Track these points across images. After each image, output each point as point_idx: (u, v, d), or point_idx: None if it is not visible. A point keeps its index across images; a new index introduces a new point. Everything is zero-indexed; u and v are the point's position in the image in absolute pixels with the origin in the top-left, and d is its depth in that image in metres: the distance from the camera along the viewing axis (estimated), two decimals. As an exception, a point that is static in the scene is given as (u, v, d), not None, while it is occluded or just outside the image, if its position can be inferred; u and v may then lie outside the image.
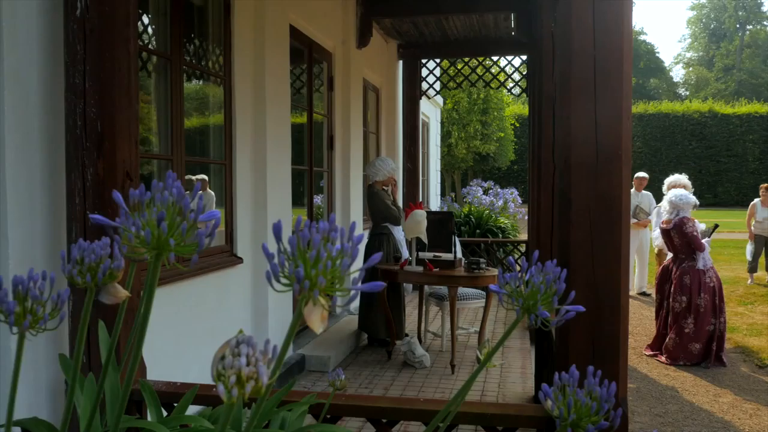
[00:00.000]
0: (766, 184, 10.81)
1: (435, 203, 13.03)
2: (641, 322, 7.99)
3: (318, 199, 6.93)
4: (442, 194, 14.68)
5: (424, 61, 9.43)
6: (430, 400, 2.41)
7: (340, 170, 7.05)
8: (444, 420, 2.26)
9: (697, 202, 6.62)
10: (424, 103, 12.21)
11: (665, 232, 6.60)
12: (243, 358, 0.69)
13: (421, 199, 11.35)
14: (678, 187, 6.91)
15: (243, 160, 4.74)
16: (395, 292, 5.90)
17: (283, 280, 0.73)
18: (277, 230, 0.75)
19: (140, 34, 3.82)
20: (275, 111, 5.07)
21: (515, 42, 8.63)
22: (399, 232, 5.96)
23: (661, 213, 8.21)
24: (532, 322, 1.11)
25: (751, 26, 51.13)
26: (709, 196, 28.77)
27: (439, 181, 14.77)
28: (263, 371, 0.68)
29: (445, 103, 17.01)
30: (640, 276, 9.74)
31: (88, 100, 2.55)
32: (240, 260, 4.58)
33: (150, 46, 3.98)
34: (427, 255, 5.71)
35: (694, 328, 6.21)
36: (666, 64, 55.69)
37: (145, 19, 3.94)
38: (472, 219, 9.85)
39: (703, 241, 6.51)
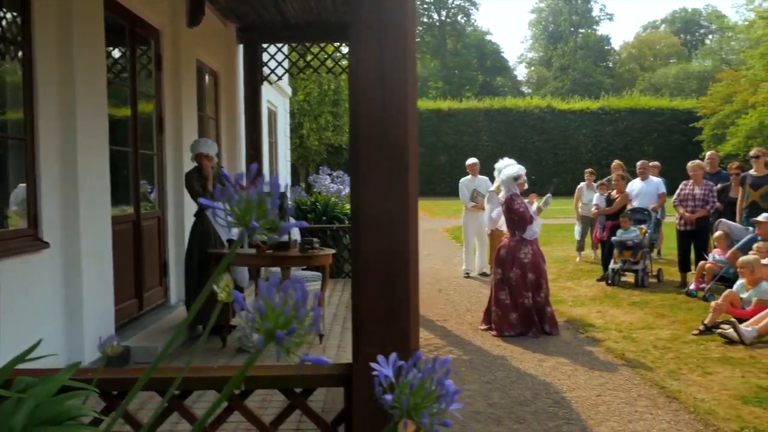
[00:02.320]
0: (590, 169, 11.72)
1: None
2: (479, 299, 8.32)
3: (154, 190, 6.55)
4: (294, 185, 14.52)
5: (265, 45, 9.21)
6: (224, 367, 2.30)
7: (172, 154, 6.70)
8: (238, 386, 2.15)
9: (522, 170, 6.92)
10: (271, 91, 11.98)
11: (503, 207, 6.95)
12: None
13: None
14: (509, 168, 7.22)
15: (48, 136, 4.33)
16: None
17: None
18: None
19: None
20: (87, 86, 4.70)
21: (355, 28, 8.64)
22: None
23: (493, 198, 8.67)
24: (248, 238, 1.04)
25: (583, 30, 55.45)
26: (549, 186, 30.75)
27: (289, 171, 14.60)
28: None
29: (296, 94, 16.84)
30: (480, 257, 10.17)
31: None
32: (46, 245, 4.19)
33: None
34: (263, 238, 5.56)
35: (510, 299, 6.58)
36: (510, 64, 59.05)
37: None
38: (318, 206, 9.81)
39: (546, 197, 6.96)
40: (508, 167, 7.02)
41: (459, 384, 5.27)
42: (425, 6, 51.09)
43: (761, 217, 7.69)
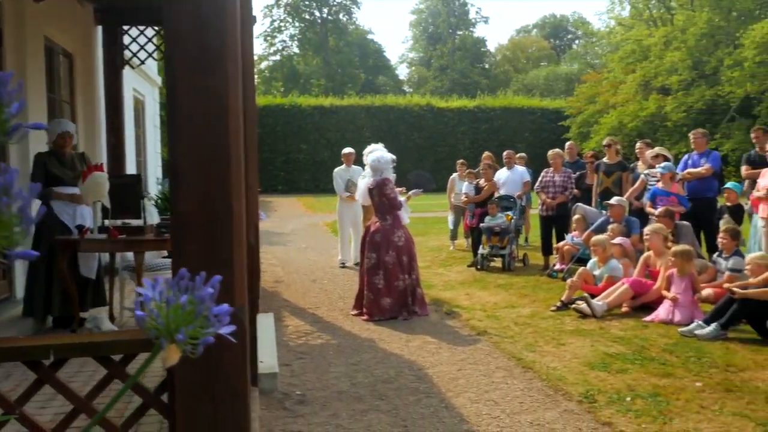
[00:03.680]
0: (461, 160, 12.06)
1: (153, 185, 12.28)
2: (352, 287, 8.27)
3: None
4: (166, 177, 13.91)
5: (126, 27, 8.73)
6: (30, 337, 2.10)
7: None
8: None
9: (395, 158, 7.05)
10: (137, 79, 11.40)
11: (370, 191, 6.97)
12: None
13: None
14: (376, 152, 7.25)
15: None
16: (74, 266, 5.33)
17: None
18: None
19: None
20: None
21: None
22: (58, 203, 5.37)
23: (365, 180, 8.68)
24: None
25: (461, 31, 57.24)
26: (418, 175, 31.35)
27: (160, 163, 13.97)
28: None
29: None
30: (356, 247, 10.16)
31: None
32: None
33: None
34: (116, 222, 5.26)
35: (384, 283, 6.63)
36: (392, 63, 59.87)
37: None
38: (188, 197, 9.44)
39: (414, 191, 7.11)
40: (380, 152, 7.07)
41: (325, 367, 5.24)
42: (306, 3, 50.79)
43: (613, 201, 8.22)
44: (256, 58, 49.60)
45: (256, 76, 48.63)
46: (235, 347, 2.02)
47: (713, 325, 5.62)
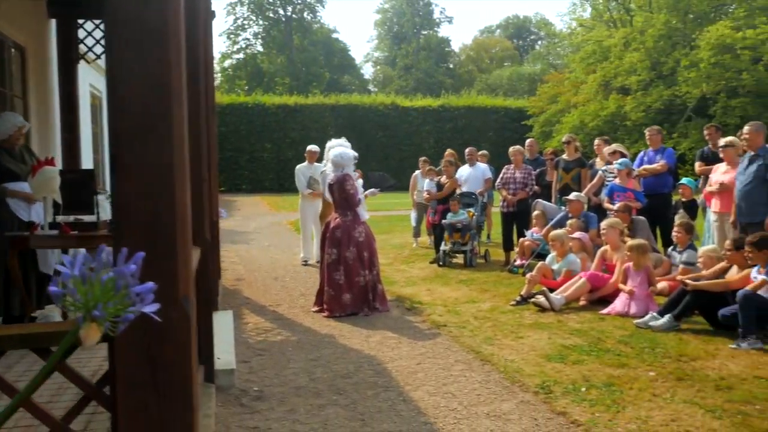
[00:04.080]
0: (424, 158, 12.09)
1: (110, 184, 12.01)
2: (314, 284, 8.20)
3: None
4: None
5: (81, 21, 8.53)
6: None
7: (-35, 132, 6.00)
8: None
9: (356, 155, 7.05)
10: (95, 75, 11.15)
11: (330, 187, 6.94)
12: None
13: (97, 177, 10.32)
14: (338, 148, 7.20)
15: None
16: (32, 262, 5.20)
17: None
18: None
19: None
20: None
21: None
22: (13, 200, 5.23)
23: (327, 176, 8.64)
24: None
25: (425, 31, 57.46)
26: (395, 180, 31.46)
27: (118, 162, 13.70)
28: None
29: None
30: (318, 244, 10.11)
31: None
32: None
33: None
34: (69, 218, 5.13)
35: (345, 279, 6.61)
36: (357, 62, 59.79)
37: None
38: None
39: (371, 191, 7.13)
40: (343, 147, 7.04)
41: (284, 363, 5.20)
42: (270, 1, 50.38)
43: (571, 196, 8.33)
44: (219, 56, 49.19)
45: (219, 75, 47.81)
46: (179, 337, 1.99)
47: (667, 317, 5.74)
